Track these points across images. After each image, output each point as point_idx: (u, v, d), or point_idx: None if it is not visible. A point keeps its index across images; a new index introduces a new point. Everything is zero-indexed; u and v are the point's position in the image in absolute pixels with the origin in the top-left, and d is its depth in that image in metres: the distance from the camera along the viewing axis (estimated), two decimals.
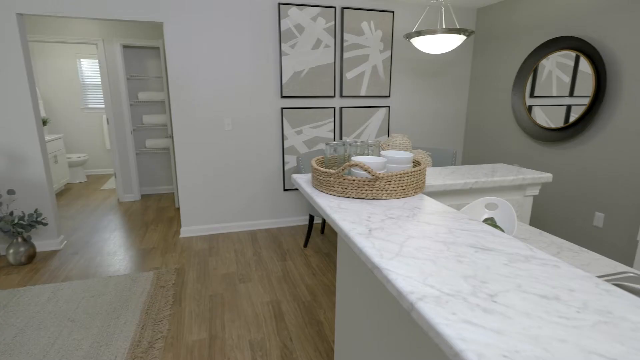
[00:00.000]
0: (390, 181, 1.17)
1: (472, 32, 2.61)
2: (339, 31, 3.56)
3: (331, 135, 3.76)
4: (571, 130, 2.99)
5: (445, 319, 0.56)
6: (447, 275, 0.69)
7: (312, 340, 2.08)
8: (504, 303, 0.60)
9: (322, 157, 1.48)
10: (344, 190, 1.20)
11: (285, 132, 3.61)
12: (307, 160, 3.24)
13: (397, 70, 3.85)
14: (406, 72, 3.89)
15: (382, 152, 1.33)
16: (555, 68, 3.07)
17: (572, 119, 2.97)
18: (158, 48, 4.79)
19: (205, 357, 1.94)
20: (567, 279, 0.68)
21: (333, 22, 3.50)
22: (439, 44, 2.66)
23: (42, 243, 3.20)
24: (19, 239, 2.91)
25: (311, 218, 3.26)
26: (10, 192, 2.89)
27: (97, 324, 2.20)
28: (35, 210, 2.99)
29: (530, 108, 3.35)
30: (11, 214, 2.91)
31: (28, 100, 2.94)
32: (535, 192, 1.63)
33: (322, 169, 1.24)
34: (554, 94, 3.10)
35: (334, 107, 3.71)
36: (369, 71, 3.71)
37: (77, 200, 4.80)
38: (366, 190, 1.17)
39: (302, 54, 3.48)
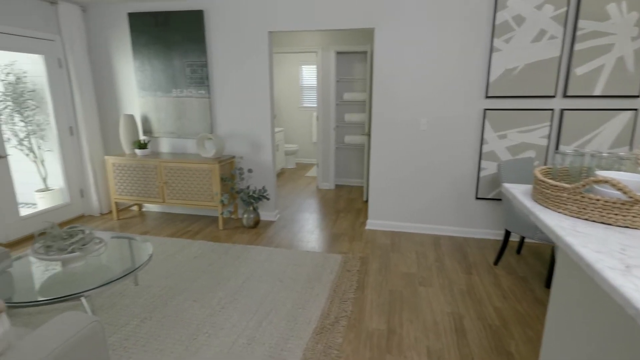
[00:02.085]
0: None
1: None
2: (571, 18, 2.97)
3: (544, 142, 3.20)
4: None
5: None
6: None
7: None
8: None
9: (548, 168, 1.27)
10: (581, 210, 0.99)
11: (485, 136, 3.31)
12: (510, 169, 2.88)
13: None
14: None
15: None
16: None
17: None
18: (365, 52, 5.20)
19: (383, 348, 2.01)
20: None
21: (565, 9, 2.94)
22: None
23: (264, 214, 4.03)
24: (251, 208, 3.75)
25: (507, 234, 2.89)
26: (250, 171, 3.75)
27: (297, 288, 2.60)
28: (263, 187, 3.78)
29: None
30: (248, 188, 3.78)
31: (267, 101, 3.72)
32: None
33: (552, 181, 1.06)
34: None
35: (553, 109, 3.14)
36: (611, 65, 2.95)
37: (288, 183, 5.80)
38: (616, 214, 0.94)
39: (518, 49, 3.08)
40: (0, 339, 1.08)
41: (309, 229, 3.78)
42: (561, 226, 0.95)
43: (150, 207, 4.34)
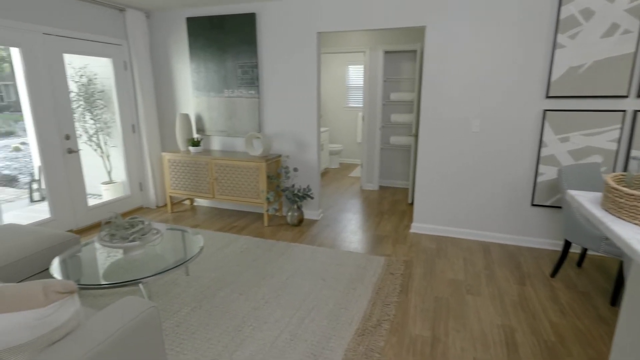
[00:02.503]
0: None
1: None
2: None
3: (613, 146, 2.93)
4: None
5: None
6: None
7: None
8: None
9: (621, 174, 1.16)
10: None
11: (544, 138, 3.09)
12: (573, 174, 2.66)
13: None
14: None
15: None
16: None
17: None
18: (414, 51, 5.07)
19: (427, 355, 1.95)
20: None
21: None
22: None
23: (308, 212, 4.08)
24: (295, 206, 3.81)
25: (567, 245, 2.68)
26: (295, 170, 3.82)
27: (340, 288, 2.61)
28: (307, 186, 3.83)
29: None
30: (293, 186, 3.84)
31: (314, 101, 3.76)
32: None
33: (627, 190, 0.97)
34: None
35: (625, 111, 2.86)
36: None
37: (331, 182, 5.82)
38: None
39: (586, 45, 2.84)
40: (72, 318, 1.19)
41: (352, 230, 3.77)
42: (638, 239, 0.86)
43: (201, 201, 4.57)
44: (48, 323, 1.11)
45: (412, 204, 4.66)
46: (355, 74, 6.92)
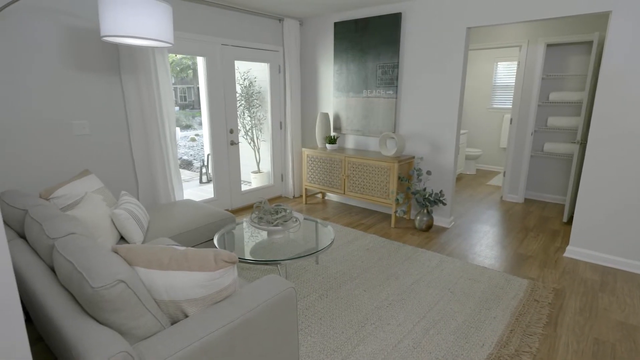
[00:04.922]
0: None
1: None
2: None
3: None
4: None
5: None
6: None
7: None
8: None
9: None
10: None
11: None
12: None
13: None
14: None
15: None
16: None
17: None
18: (587, 43, 4.25)
19: None
20: None
21: None
22: None
23: (438, 218, 3.87)
24: (425, 211, 3.66)
25: None
26: (428, 172, 3.66)
27: (471, 305, 2.39)
28: (440, 191, 3.63)
29: None
30: (424, 189, 3.70)
31: (456, 102, 3.52)
32: None
33: None
34: None
35: None
36: None
37: (465, 189, 5.38)
38: None
39: None
40: (231, 284, 1.41)
41: (488, 244, 3.41)
42: None
43: (331, 196, 4.82)
44: (215, 285, 1.34)
45: (568, 223, 3.94)
46: (505, 72, 6.20)
